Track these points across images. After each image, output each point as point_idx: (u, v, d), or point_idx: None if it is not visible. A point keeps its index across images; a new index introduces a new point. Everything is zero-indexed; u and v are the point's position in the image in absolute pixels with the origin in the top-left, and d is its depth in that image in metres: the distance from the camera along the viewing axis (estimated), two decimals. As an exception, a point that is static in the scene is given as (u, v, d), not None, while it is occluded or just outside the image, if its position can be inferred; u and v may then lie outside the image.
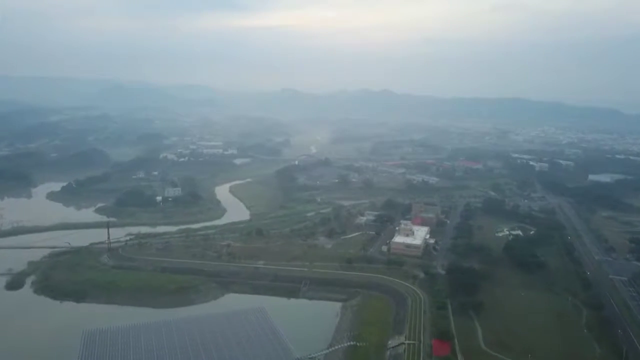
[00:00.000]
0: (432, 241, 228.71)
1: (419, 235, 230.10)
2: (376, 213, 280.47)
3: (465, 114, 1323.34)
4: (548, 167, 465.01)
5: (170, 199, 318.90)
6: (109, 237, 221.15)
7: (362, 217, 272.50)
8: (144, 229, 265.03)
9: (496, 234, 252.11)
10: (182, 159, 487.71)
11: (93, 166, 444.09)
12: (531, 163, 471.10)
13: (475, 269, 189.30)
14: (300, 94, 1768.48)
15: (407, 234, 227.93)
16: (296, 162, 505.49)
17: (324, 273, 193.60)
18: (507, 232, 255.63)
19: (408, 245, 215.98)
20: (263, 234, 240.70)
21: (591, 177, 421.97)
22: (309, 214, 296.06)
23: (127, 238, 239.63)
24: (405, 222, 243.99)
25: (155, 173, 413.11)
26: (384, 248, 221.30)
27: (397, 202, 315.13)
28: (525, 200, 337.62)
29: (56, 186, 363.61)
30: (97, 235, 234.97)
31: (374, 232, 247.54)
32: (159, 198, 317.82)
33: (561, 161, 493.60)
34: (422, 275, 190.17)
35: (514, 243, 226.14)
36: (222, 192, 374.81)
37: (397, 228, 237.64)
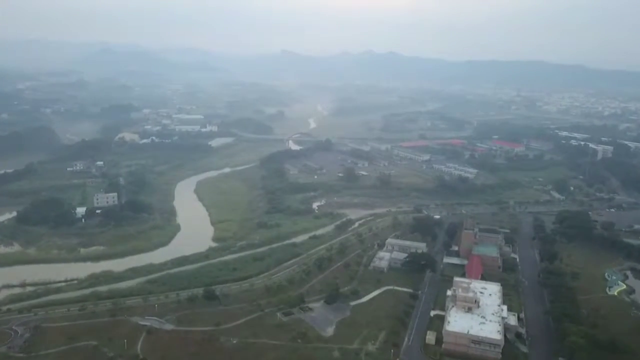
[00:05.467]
0: (512, 321, 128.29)
1: (489, 305, 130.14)
2: (404, 243, 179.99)
3: (480, 78, 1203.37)
4: (612, 151, 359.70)
5: (99, 212, 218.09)
6: None
7: (382, 254, 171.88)
8: (41, 270, 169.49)
9: (608, 292, 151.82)
10: (145, 141, 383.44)
11: (31, 151, 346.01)
12: (591, 146, 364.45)
13: None
14: (301, 56, 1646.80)
15: (469, 305, 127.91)
16: (288, 144, 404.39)
17: None
18: (624, 286, 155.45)
19: (477, 340, 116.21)
20: (217, 299, 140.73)
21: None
22: (298, 239, 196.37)
23: None
24: (461, 279, 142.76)
25: (100, 163, 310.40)
26: (430, 338, 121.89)
27: (431, 217, 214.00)
28: (612, 210, 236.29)
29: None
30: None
31: (408, 290, 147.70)
32: (81, 211, 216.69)
33: (628, 143, 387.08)
34: None
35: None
36: (185, 192, 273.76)
37: (449, 292, 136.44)
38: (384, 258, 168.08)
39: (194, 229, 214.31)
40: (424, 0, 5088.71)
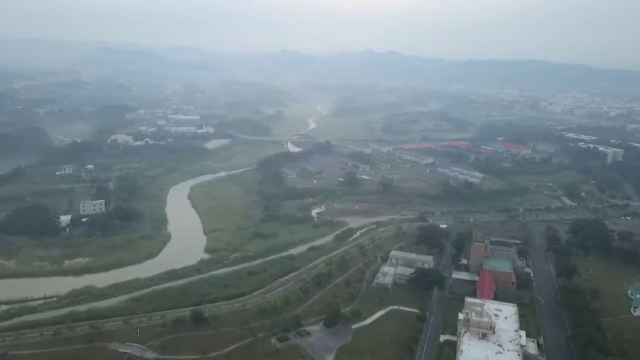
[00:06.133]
0: (532, 349, 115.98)
1: (505, 331, 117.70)
2: (410, 257, 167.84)
3: (481, 78, 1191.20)
4: (623, 154, 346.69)
5: (85, 221, 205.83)
6: None
7: (386, 269, 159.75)
8: (19, 285, 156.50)
9: (634, 313, 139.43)
10: (139, 143, 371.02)
11: (21, 153, 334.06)
12: (601, 149, 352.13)
13: None
14: (301, 56, 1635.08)
15: (484, 332, 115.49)
16: (287, 146, 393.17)
17: None
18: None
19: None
20: (207, 322, 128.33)
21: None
22: (296, 251, 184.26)
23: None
24: (474, 300, 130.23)
25: (91, 167, 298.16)
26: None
27: (437, 227, 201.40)
28: (629, 218, 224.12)
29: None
30: None
31: (415, 311, 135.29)
32: (66, 220, 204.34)
33: (639, 146, 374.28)
34: None
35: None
36: (179, 198, 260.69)
37: (461, 316, 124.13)
38: (388, 274, 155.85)
39: (185, 238, 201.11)
40: (424, 0, 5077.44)
